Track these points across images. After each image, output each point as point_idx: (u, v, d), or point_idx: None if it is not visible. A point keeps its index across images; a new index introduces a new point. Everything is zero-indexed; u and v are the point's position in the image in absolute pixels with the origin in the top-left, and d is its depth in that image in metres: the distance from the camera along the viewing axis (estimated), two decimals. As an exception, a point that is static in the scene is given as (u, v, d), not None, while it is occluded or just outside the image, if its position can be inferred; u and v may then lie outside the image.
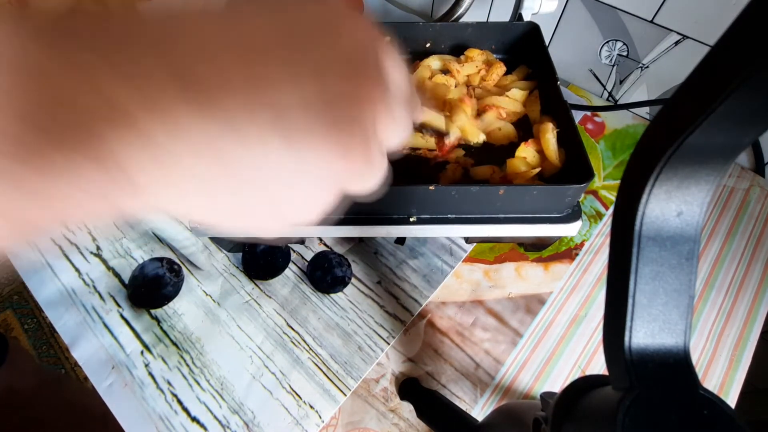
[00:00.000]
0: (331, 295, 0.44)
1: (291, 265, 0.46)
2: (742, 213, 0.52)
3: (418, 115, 0.21)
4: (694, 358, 0.42)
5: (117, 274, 0.45)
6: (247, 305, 0.43)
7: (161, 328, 0.42)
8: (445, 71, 0.46)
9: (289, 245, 0.47)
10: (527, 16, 0.49)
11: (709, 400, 0.15)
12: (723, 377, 0.41)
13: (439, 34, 0.48)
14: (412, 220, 0.37)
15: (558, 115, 0.40)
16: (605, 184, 0.54)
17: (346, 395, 0.39)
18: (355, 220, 0.37)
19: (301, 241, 0.46)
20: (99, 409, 0.38)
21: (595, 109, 0.60)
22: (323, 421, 0.38)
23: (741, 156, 0.57)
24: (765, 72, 0.11)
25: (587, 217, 0.51)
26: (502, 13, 0.64)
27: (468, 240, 0.47)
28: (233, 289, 0.44)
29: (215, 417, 0.38)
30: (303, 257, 0.46)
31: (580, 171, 0.35)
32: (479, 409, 0.39)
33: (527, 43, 0.47)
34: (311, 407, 0.38)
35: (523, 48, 0.47)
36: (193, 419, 0.38)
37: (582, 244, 0.49)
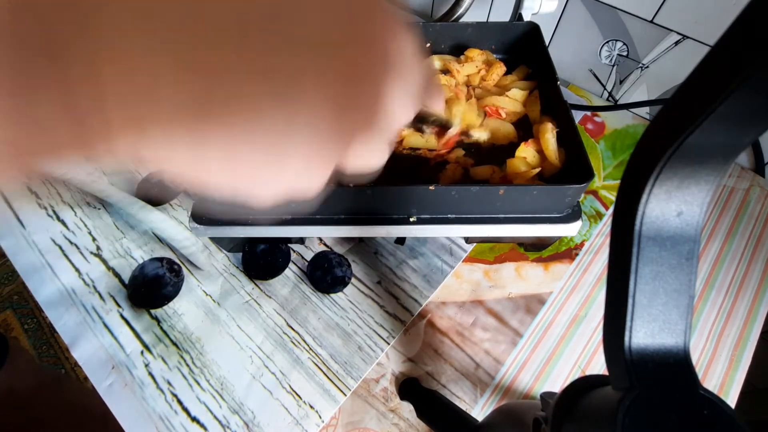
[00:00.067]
0: (331, 295, 0.44)
1: (291, 265, 0.46)
2: (742, 213, 0.52)
3: (438, 103, 0.21)
4: (694, 358, 0.42)
5: (117, 274, 0.45)
6: (247, 305, 0.43)
7: (161, 328, 0.42)
8: (445, 71, 0.46)
9: (289, 245, 0.47)
10: (527, 16, 0.49)
11: (709, 400, 0.15)
12: (723, 377, 0.41)
13: (439, 34, 0.48)
14: (412, 220, 0.37)
15: (558, 115, 0.40)
16: (605, 184, 0.54)
17: (346, 395, 0.39)
18: (355, 220, 0.37)
19: (301, 241, 0.46)
20: (99, 409, 0.38)
21: (595, 109, 0.60)
22: (323, 421, 0.38)
23: (741, 156, 0.57)
24: (765, 72, 0.11)
25: (587, 217, 0.51)
26: (502, 13, 0.64)
27: (468, 240, 0.47)
28: (233, 289, 0.44)
29: (215, 417, 0.38)
30: (303, 257, 0.46)
31: (580, 171, 0.35)
32: (479, 409, 0.39)
33: (527, 43, 0.47)
34: (311, 407, 0.38)
35: (523, 48, 0.47)
36: (193, 419, 0.38)
37: (582, 244, 0.49)
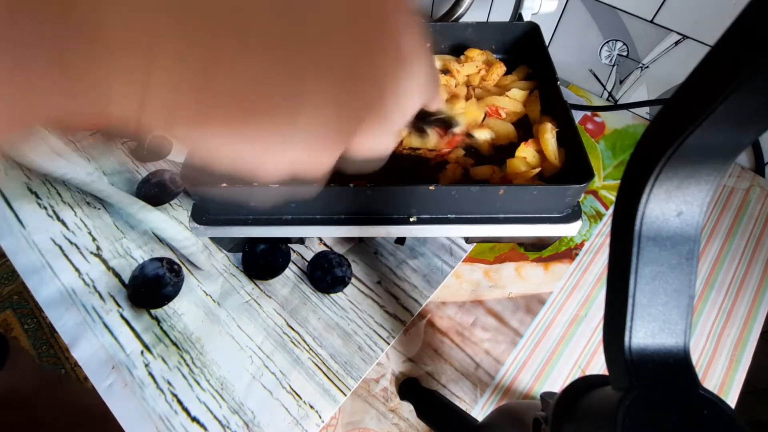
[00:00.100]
0: (331, 295, 0.44)
1: (291, 265, 0.46)
2: (742, 213, 0.52)
3: (436, 101, 0.21)
4: (694, 358, 0.42)
5: (117, 274, 0.45)
6: (247, 305, 0.43)
7: (161, 328, 0.42)
8: (445, 71, 0.46)
9: (289, 245, 0.47)
10: (527, 16, 0.49)
11: (709, 400, 0.15)
12: (723, 377, 0.41)
13: (439, 34, 0.48)
14: (412, 220, 0.37)
15: (558, 115, 0.40)
16: (605, 184, 0.54)
17: (346, 395, 0.39)
18: (355, 220, 0.37)
19: (301, 241, 0.46)
20: (99, 409, 0.38)
21: (595, 109, 0.60)
22: (323, 421, 0.38)
23: (741, 156, 0.57)
24: (765, 72, 0.11)
25: (587, 217, 0.51)
26: (502, 13, 0.64)
27: (468, 240, 0.47)
28: (233, 289, 0.44)
29: (215, 417, 0.38)
30: (303, 257, 0.46)
31: (580, 171, 0.35)
32: (479, 409, 0.39)
33: (527, 43, 0.47)
34: (311, 407, 0.38)
35: (523, 48, 0.47)
36: (193, 419, 0.38)
37: (582, 244, 0.49)
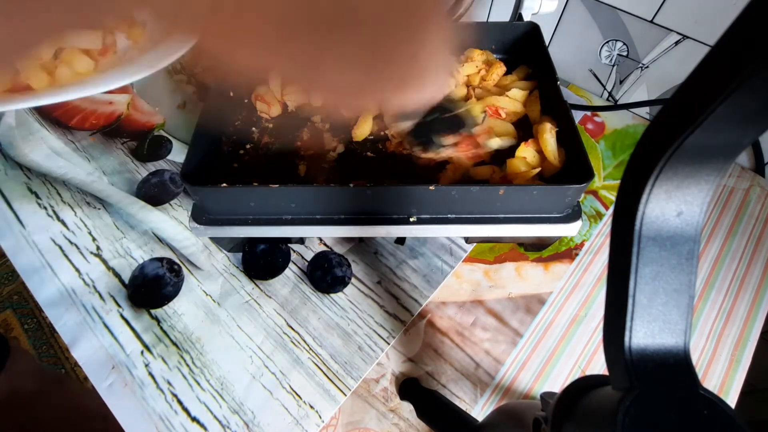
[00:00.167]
0: (331, 295, 0.44)
1: (291, 265, 0.46)
2: (742, 213, 0.52)
3: (452, 72, 0.25)
4: (694, 358, 0.42)
5: (117, 274, 0.45)
6: (247, 305, 0.43)
7: (161, 328, 0.42)
8: (445, 71, 0.46)
9: (289, 245, 0.47)
10: (527, 16, 0.49)
11: (709, 400, 0.15)
12: (723, 377, 0.41)
13: (439, 34, 0.48)
14: (412, 220, 0.37)
15: (558, 115, 0.40)
16: (605, 184, 0.54)
17: (346, 395, 0.39)
18: (355, 220, 0.37)
19: (301, 241, 0.46)
20: (99, 409, 0.38)
21: (595, 109, 0.60)
22: (323, 421, 0.38)
23: (741, 156, 0.57)
24: (765, 72, 0.11)
25: (587, 217, 0.51)
26: (502, 13, 0.64)
27: (468, 240, 0.47)
28: (233, 289, 0.44)
29: (215, 417, 0.38)
30: (303, 257, 0.46)
31: (580, 171, 0.35)
32: (479, 409, 0.39)
33: (527, 43, 0.47)
34: (311, 407, 0.38)
35: (523, 48, 0.47)
36: (193, 419, 0.38)
37: (582, 244, 0.49)
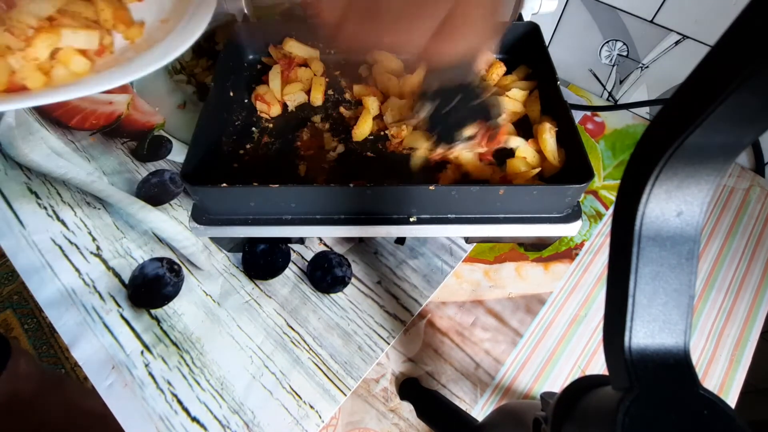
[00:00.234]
0: (331, 295, 0.44)
1: (291, 265, 0.46)
2: (742, 213, 0.52)
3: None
4: (694, 358, 0.42)
5: (117, 274, 0.45)
6: (247, 305, 0.43)
7: (161, 328, 0.42)
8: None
9: (289, 245, 0.47)
10: (527, 16, 0.49)
11: (709, 400, 0.15)
12: (723, 377, 0.41)
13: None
14: (412, 220, 0.37)
15: (558, 115, 0.40)
16: (605, 184, 0.54)
17: (346, 395, 0.39)
18: (355, 220, 0.37)
19: (301, 241, 0.46)
20: (99, 409, 0.38)
21: (595, 109, 0.60)
22: (323, 421, 0.38)
23: (741, 156, 0.57)
24: (765, 72, 0.11)
25: (587, 217, 0.51)
26: (502, 13, 0.64)
27: (468, 240, 0.47)
28: (233, 289, 0.44)
29: (215, 417, 0.38)
30: (303, 257, 0.46)
31: (580, 171, 0.35)
32: (479, 409, 0.39)
33: (527, 43, 0.47)
34: (311, 407, 0.38)
35: (523, 48, 0.47)
36: (193, 419, 0.38)
37: (582, 244, 0.49)
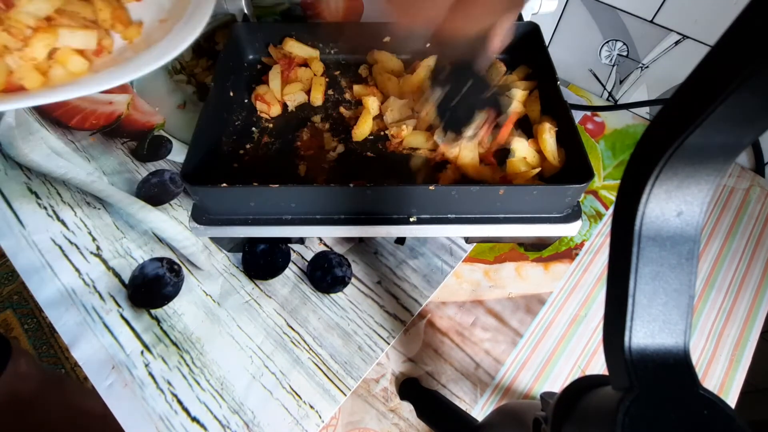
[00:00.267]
0: (331, 295, 0.44)
1: (291, 265, 0.46)
2: (742, 213, 0.52)
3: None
4: (694, 358, 0.42)
5: (117, 274, 0.45)
6: (247, 305, 0.43)
7: (161, 328, 0.42)
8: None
9: (289, 245, 0.47)
10: (527, 16, 0.49)
11: (709, 400, 0.15)
12: (723, 377, 0.41)
13: (439, 34, 0.48)
14: (412, 220, 0.37)
15: (558, 115, 0.40)
16: (605, 184, 0.54)
17: (346, 395, 0.39)
18: (355, 220, 0.37)
19: (301, 241, 0.46)
20: (99, 409, 0.38)
21: (595, 109, 0.60)
22: (323, 421, 0.38)
23: (741, 156, 0.57)
24: (765, 72, 0.11)
25: (587, 217, 0.51)
26: None
27: (468, 240, 0.47)
28: (233, 289, 0.44)
29: (215, 417, 0.38)
30: (303, 257, 0.46)
31: (580, 171, 0.35)
32: (479, 409, 0.39)
33: (527, 43, 0.47)
34: (311, 407, 0.38)
35: (523, 48, 0.47)
36: (193, 419, 0.38)
37: (582, 244, 0.49)
